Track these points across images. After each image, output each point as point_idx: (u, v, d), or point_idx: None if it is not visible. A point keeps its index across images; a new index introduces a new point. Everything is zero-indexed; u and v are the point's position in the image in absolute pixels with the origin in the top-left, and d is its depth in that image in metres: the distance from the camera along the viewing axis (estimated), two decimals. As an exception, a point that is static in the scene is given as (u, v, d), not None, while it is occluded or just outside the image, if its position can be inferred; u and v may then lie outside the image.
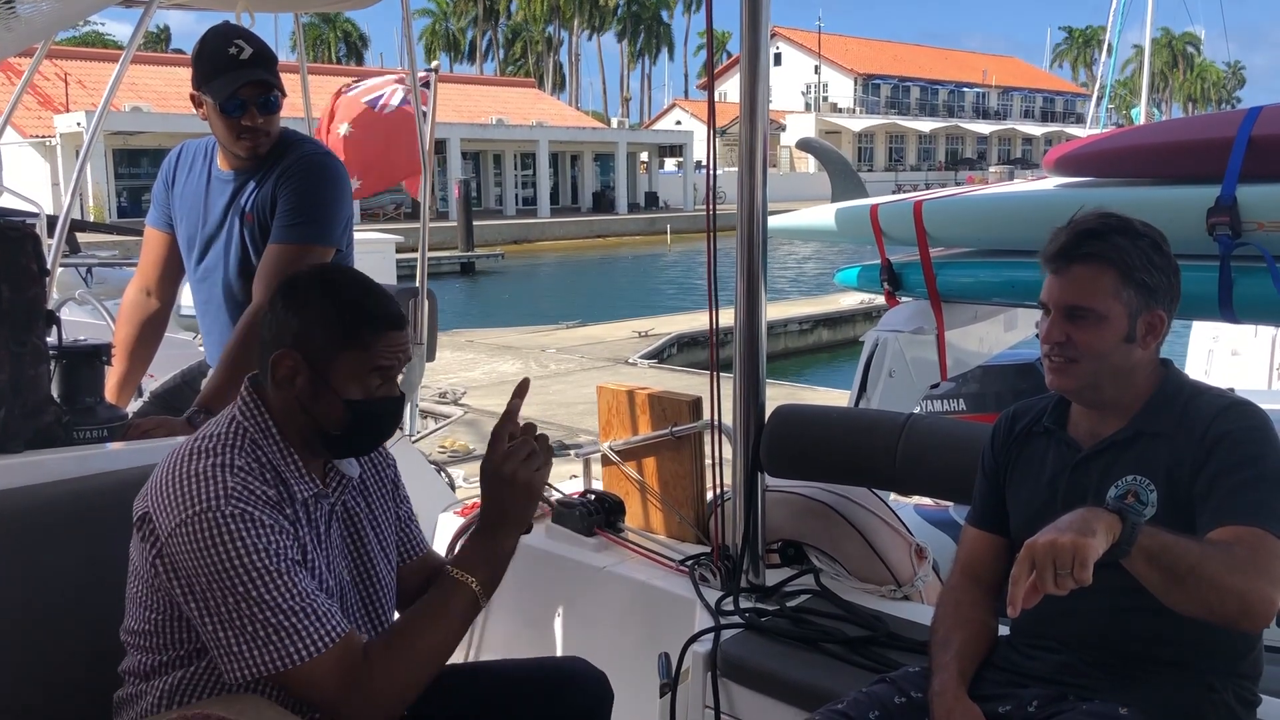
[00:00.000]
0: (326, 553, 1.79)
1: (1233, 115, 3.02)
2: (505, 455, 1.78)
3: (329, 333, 1.70)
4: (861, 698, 1.93)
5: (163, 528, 1.63)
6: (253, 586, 1.59)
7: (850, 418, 2.97)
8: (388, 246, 11.39)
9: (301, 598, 1.62)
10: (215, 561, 1.59)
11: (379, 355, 1.72)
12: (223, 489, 1.62)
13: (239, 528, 1.60)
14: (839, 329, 16.85)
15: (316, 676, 1.62)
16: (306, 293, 1.74)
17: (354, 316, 1.72)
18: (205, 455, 1.66)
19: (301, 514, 1.74)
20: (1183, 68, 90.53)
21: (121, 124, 29.31)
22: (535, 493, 1.81)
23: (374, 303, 1.74)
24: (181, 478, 1.64)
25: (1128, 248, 1.81)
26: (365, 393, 1.72)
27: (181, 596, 1.64)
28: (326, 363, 1.71)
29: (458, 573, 1.76)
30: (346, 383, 1.71)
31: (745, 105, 2.59)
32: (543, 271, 32.82)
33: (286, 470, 1.73)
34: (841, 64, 70.15)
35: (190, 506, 1.61)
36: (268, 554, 1.61)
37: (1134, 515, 1.54)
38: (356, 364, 1.71)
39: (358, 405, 1.72)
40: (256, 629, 1.59)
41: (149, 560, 1.66)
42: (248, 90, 2.67)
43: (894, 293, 3.78)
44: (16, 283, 2.13)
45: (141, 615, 1.72)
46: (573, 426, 9.16)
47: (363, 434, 1.78)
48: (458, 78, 51.46)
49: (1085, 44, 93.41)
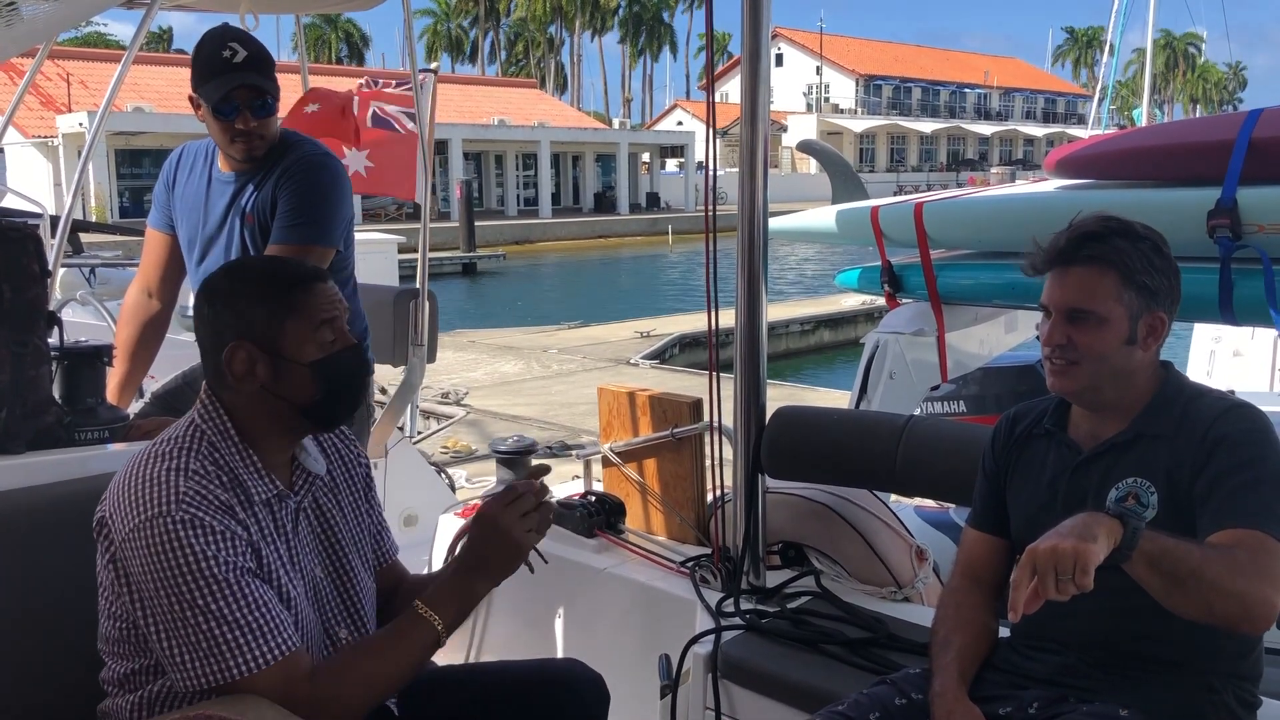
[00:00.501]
0: (295, 552, 1.78)
1: (1233, 118, 3.02)
2: (507, 506, 1.78)
3: (265, 308, 1.71)
4: (862, 699, 1.93)
5: (117, 532, 1.63)
6: (199, 595, 1.58)
7: (851, 419, 2.97)
8: (389, 247, 11.40)
9: (249, 609, 1.61)
10: (164, 568, 1.58)
11: (319, 309, 1.73)
12: (175, 494, 1.61)
13: (189, 534, 1.59)
14: (840, 330, 16.85)
15: (258, 691, 1.61)
16: (225, 286, 1.76)
17: (279, 284, 1.73)
18: (161, 459, 1.66)
19: (263, 515, 1.72)
20: (1184, 68, 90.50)
21: (123, 124, 29.33)
22: (521, 551, 1.80)
23: (288, 264, 1.79)
24: (136, 482, 1.64)
25: (1128, 250, 1.81)
26: (322, 350, 1.73)
27: (132, 604, 1.63)
28: (276, 338, 1.71)
29: (424, 609, 1.74)
30: (301, 347, 1.71)
31: (746, 107, 2.59)
32: (544, 272, 32.82)
33: (245, 472, 1.71)
34: (843, 65, 70.15)
35: (143, 511, 1.60)
36: (216, 562, 1.59)
37: (1135, 520, 1.54)
38: (301, 326, 1.71)
39: (321, 364, 1.72)
40: (200, 639, 1.58)
41: (106, 567, 1.67)
42: (240, 94, 2.67)
43: (894, 294, 3.78)
44: (18, 283, 2.14)
45: (109, 624, 1.72)
46: (574, 427, 9.16)
47: (338, 390, 1.76)
48: (459, 78, 51.47)
49: (1087, 44, 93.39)
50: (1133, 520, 1.54)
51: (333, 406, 1.78)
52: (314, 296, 1.73)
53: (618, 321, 16.92)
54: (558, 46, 79.52)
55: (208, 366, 1.76)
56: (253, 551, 1.67)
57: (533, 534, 1.79)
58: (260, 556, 1.69)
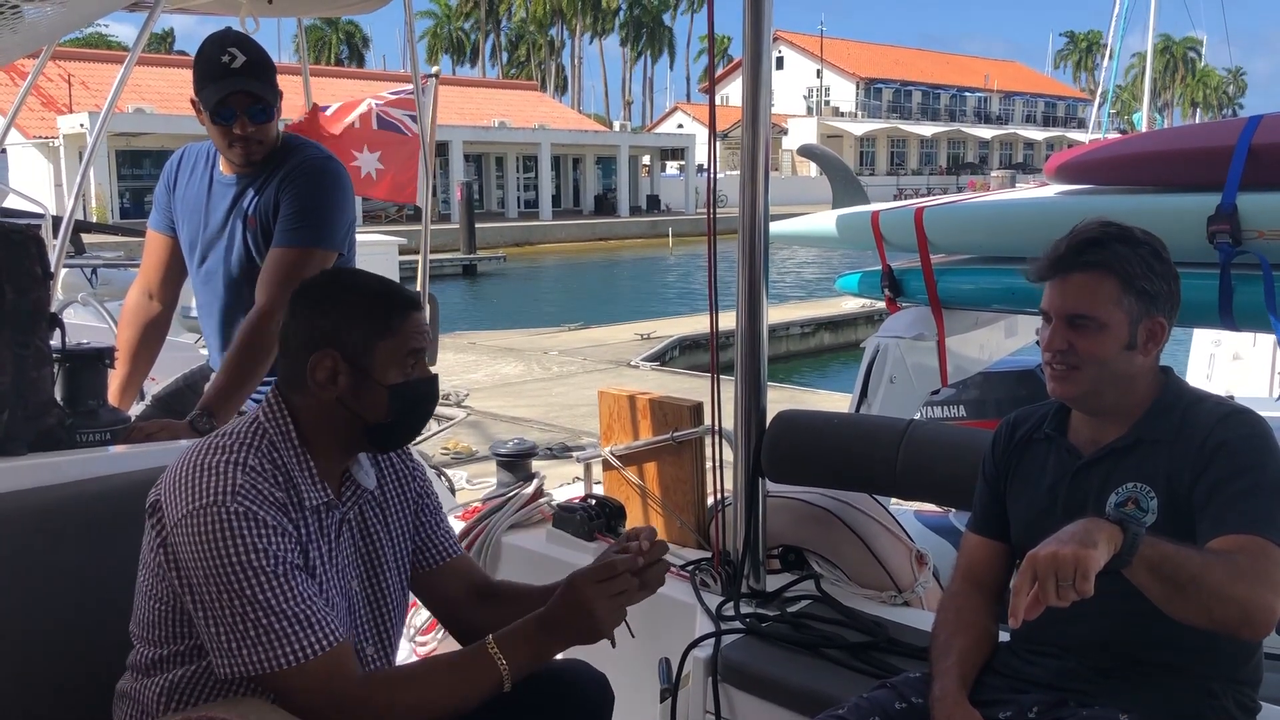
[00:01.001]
0: (335, 564, 1.79)
1: (1233, 124, 3.03)
2: (598, 583, 1.72)
3: (363, 326, 1.74)
4: (862, 703, 1.94)
5: (169, 517, 1.65)
6: (248, 585, 1.59)
7: (851, 423, 2.98)
8: (390, 249, 11.39)
9: (296, 602, 1.62)
10: (214, 556, 1.60)
11: (410, 338, 1.76)
12: (231, 485, 1.63)
13: (242, 525, 1.61)
14: (840, 332, 16.86)
15: (303, 683, 1.62)
16: (327, 293, 1.78)
17: (382, 306, 1.76)
18: (220, 451, 1.68)
19: (311, 521, 1.74)
20: (1184, 73, 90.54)
21: (124, 125, 29.34)
22: (598, 631, 1.74)
23: (392, 288, 1.79)
24: (194, 470, 1.66)
25: (1128, 255, 1.81)
26: (404, 376, 1.76)
27: (180, 587, 1.65)
28: (365, 355, 1.74)
29: (494, 649, 1.71)
30: (386, 370, 1.74)
31: (748, 111, 2.59)
32: (545, 274, 32.83)
33: (299, 476, 1.73)
34: (843, 68, 70.16)
35: (197, 499, 1.62)
36: (267, 555, 1.61)
37: (1135, 525, 1.54)
38: (392, 350, 1.75)
39: (400, 389, 1.75)
40: (248, 627, 1.60)
41: (155, 549, 1.68)
42: (237, 99, 2.68)
43: (895, 299, 3.79)
44: (20, 285, 2.14)
45: (147, 606, 1.72)
46: (574, 429, 9.16)
47: (408, 416, 1.80)
48: (460, 80, 51.50)
49: (1087, 49, 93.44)
50: (1133, 526, 1.54)
51: (397, 430, 1.81)
52: (407, 324, 1.76)
53: (618, 323, 16.92)
54: (558, 49, 79.61)
55: (285, 366, 1.79)
56: (300, 550, 1.69)
57: (616, 614, 1.74)
58: (307, 557, 1.71)
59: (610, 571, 1.72)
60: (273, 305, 2.66)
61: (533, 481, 3.29)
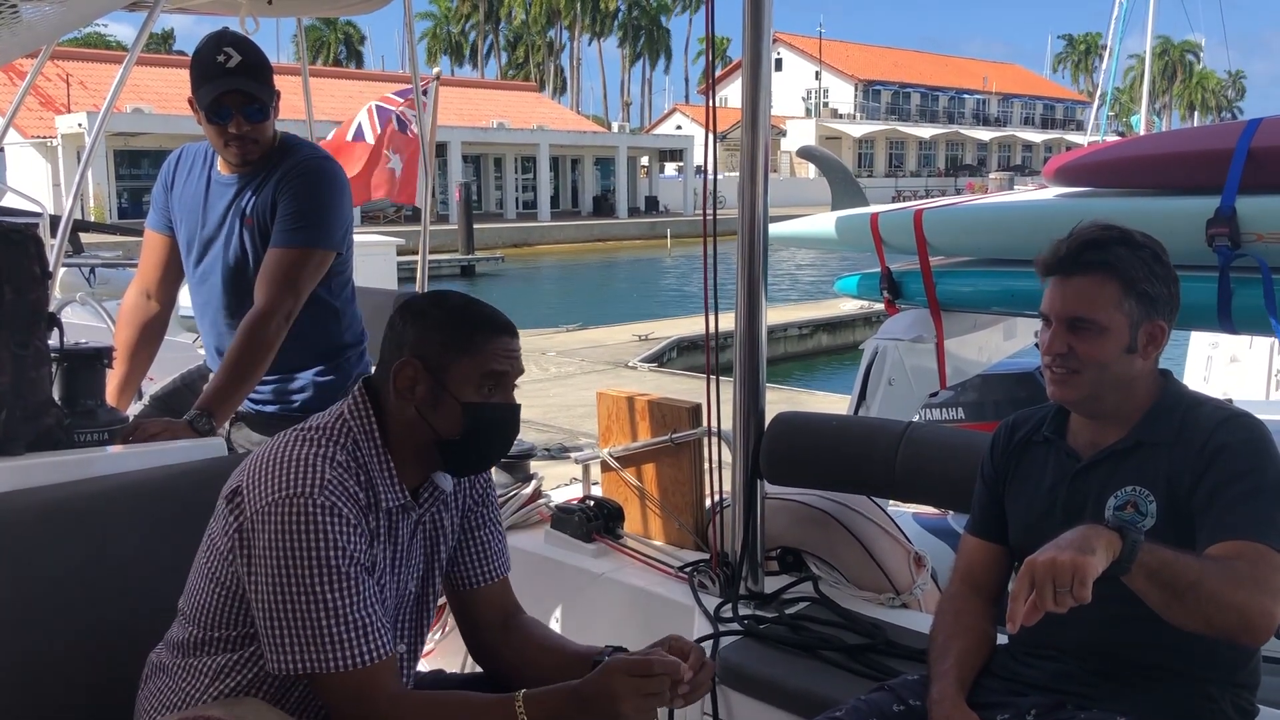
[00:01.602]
0: (404, 565, 1.81)
1: (1232, 126, 3.04)
2: (632, 676, 1.65)
3: (444, 338, 1.75)
4: (860, 705, 1.94)
5: (251, 504, 1.65)
6: (317, 581, 1.60)
7: (850, 426, 2.98)
8: (389, 249, 11.42)
9: (358, 607, 1.63)
10: (292, 547, 1.61)
11: (492, 358, 1.75)
12: (320, 479, 1.64)
13: (326, 520, 1.62)
14: (839, 334, 16.86)
15: (341, 689, 1.64)
16: (421, 305, 1.79)
17: (467, 321, 1.76)
18: (309, 444, 1.69)
19: (384, 523, 1.75)
20: (1182, 75, 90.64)
21: (122, 125, 29.32)
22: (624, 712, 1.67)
23: (484, 309, 1.79)
24: (282, 461, 1.67)
25: (1129, 258, 1.81)
26: (481, 396, 1.76)
27: (247, 576, 1.65)
28: (444, 368, 1.74)
29: (521, 707, 1.66)
30: (462, 386, 1.74)
31: (747, 112, 2.59)
32: (543, 275, 32.82)
33: (378, 475, 1.74)
34: (842, 70, 70.18)
35: (285, 489, 1.63)
36: (343, 554, 1.62)
37: (1134, 532, 1.54)
38: (471, 367, 1.75)
39: (474, 409, 1.75)
40: (305, 624, 1.61)
41: (229, 534, 1.68)
42: (232, 98, 2.68)
43: (894, 301, 3.79)
44: (19, 285, 2.13)
45: (206, 588, 1.73)
46: (572, 429, 9.16)
47: (480, 438, 1.78)
48: (459, 81, 51.49)
49: (1085, 51, 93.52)
50: (1132, 533, 1.54)
51: (468, 451, 1.79)
52: (492, 344, 1.76)
53: (616, 324, 16.91)
54: (557, 50, 79.59)
55: (380, 373, 1.80)
56: (371, 554, 1.71)
57: (649, 714, 1.68)
58: (376, 561, 1.72)
59: (647, 669, 1.66)
60: (271, 306, 2.66)
61: (531, 482, 3.29)
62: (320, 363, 2.91)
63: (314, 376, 2.91)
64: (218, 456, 2.32)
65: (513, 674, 1.91)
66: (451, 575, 1.97)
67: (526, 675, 1.88)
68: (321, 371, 2.91)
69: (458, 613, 2.02)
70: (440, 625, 3.02)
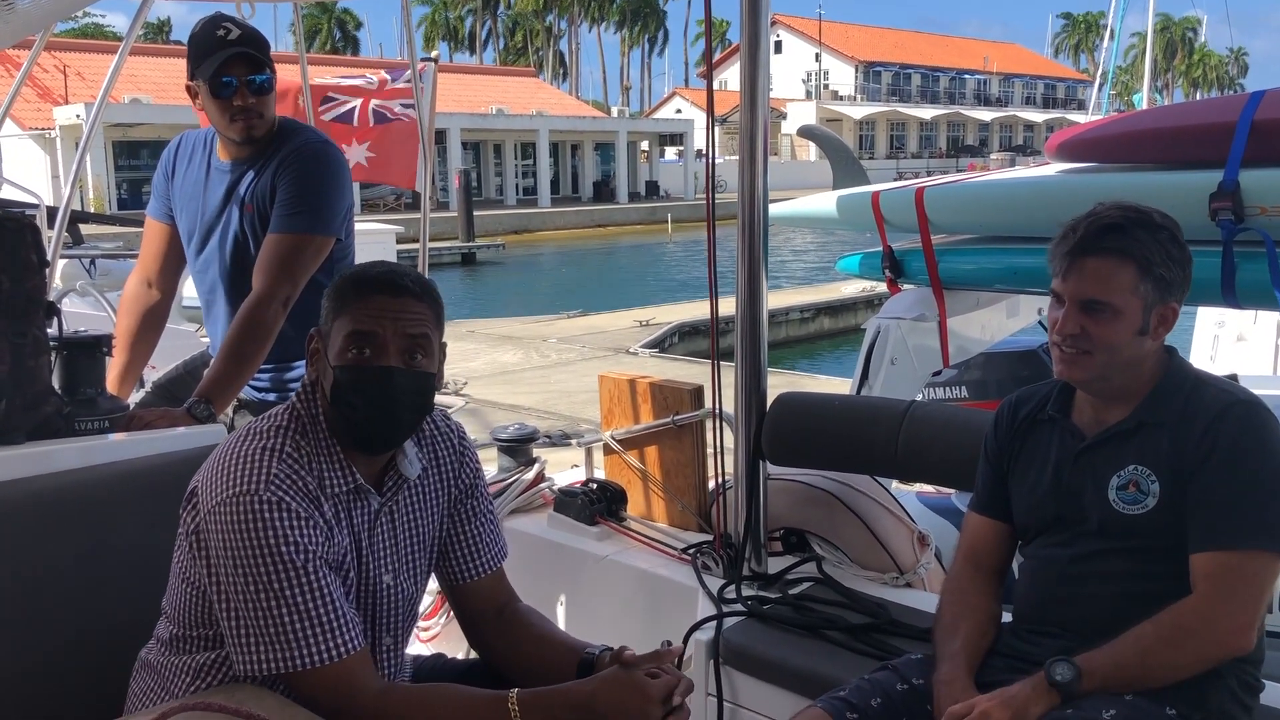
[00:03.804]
0: (369, 556, 1.76)
1: (1235, 100, 3.01)
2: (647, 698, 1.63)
3: (330, 304, 1.72)
4: (864, 685, 1.94)
5: (204, 504, 1.63)
6: (275, 579, 1.58)
7: (852, 405, 2.97)
8: (388, 237, 11.40)
9: (320, 602, 1.60)
10: (244, 545, 1.58)
11: (357, 318, 1.67)
12: (266, 474, 1.61)
13: (273, 515, 1.59)
14: (841, 317, 16.84)
15: (316, 686, 1.61)
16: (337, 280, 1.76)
17: (347, 283, 1.71)
18: (256, 438, 1.67)
19: (341, 508, 1.71)
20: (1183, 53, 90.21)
21: (121, 116, 29.27)
22: None
23: (372, 271, 1.71)
24: (231, 458, 1.64)
25: (1148, 242, 1.80)
26: (347, 360, 1.67)
27: (207, 578, 1.63)
28: (326, 335, 1.71)
29: (514, 707, 1.63)
30: (334, 350, 1.69)
31: (746, 93, 2.58)
32: (544, 261, 32.79)
33: (325, 461, 1.70)
34: (842, 51, 69.89)
35: (233, 486, 1.61)
36: (296, 548, 1.59)
37: (1063, 675, 1.71)
38: (340, 328, 1.69)
39: (338, 371, 1.67)
40: (267, 623, 1.58)
41: (189, 535, 1.67)
42: (237, 68, 2.66)
43: (895, 280, 3.77)
44: (15, 273, 2.12)
45: (180, 588, 1.72)
46: (574, 416, 9.16)
47: (346, 403, 1.68)
48: (457, 67, 51.30)
49: (1086, 30, 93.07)
50: (1061, 680, 1.71)
51: (347, 420, 1.70)
52: (363, 304, 1.67)
53: (617, 311, 16.90)
54: (556, 35, 79.29)
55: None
56: (331, 545, 1.67)
57: None
58: (334, 548, 1.68)
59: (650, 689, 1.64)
60: (269, 291, 2.65)
61: (534, 466, 3.29)
62: (320, 349, 2.90)
63: (313, 363, 2.90)
64: (219, 444, 2.31)
65: (507, 663, 1.90)
66: (443, 569, 1.94)
67: (520, 666, 1.87)
68: (321, 358, 2.90)
69: (453, 603, 2.00)
70: (445, 610, 3.03)
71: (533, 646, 1.89)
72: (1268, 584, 1.73)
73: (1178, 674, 1.71)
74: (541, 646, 1.89)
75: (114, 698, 1.83)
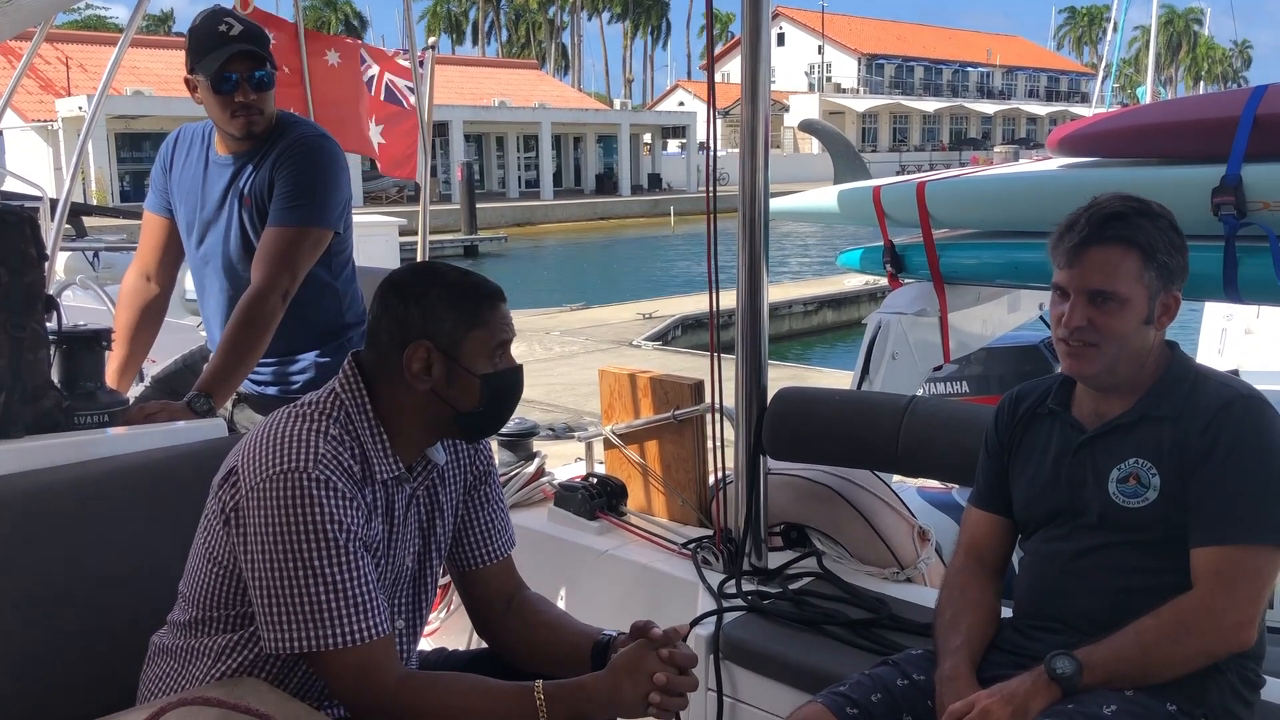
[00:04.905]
0: (399, 541, 1.80)
1: (1238, 94, 2.99)
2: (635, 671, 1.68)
3: (454, 316, 1.75)
4: (864, 680, 1.94)
5: (246, 482, 1.65)
6: (314, 555, 1.60)
7: (853, 400, 2.96)
8: (390, 230, 11.39)
9: (355, 582, 1.63)
10: (288, 522, 1.60)
11: (499, 329, 1.78)
12: (313, 453, 1.64)
13: (321, 493, 1.61)
14: (843, 310, 16.83)
15: (339, 667, 1.63)
16: (416, 285, 1.78)
17: (470, 296, 1.77)
18: (302, 420, 1.70)
19: (380, 495, 1.75)
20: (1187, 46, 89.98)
21: (123, 108, 29.28)
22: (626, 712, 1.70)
23: (477, 280, 1.80)
24: (276, 438, 1.67)
25: (1150, 229, 1.80)
26: (494, 366, 1.78)
27: (243, 554, 1.65)
28: (456, 345, 1.75)
29: (540, 697, 1.65)
30: (476, 360, 1.76)
31: (747, 86, 2.57)
32: (546, 254, 32.77)
33: (372, 448, 1.74)
34: (845, 44, 69.76)
35: (279, 464, 1.63)
36: (339, 526, 1.62)
37: (1065, 670, 1.71)
38: (482, 340, 1.76)
39: (491, 379, 1.77)
40: (302, 600, 1.60)
41: (224, 513, 1.68)
42: (238, 65, 2.66)
43: (897, 274, 3.76)
44: (14, 266, 2.12)
45: (204, 568, 1.73)
46: (577, 409, 9.17)
47: (498, 405, 1.81)
48: (460, 59, 51.23)
49: (1089, 23, 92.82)
50: (1063, 675, 1.71)
51: (488, 419, 1.83)
52: (496, 315, 1.78)
53: (620, 303, 16.90)
54: (559, 28, 79.17)
55: (375, 355, 1.78)
56: (369, 527, 1.71)
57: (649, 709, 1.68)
58: (371, 531, 1.71)
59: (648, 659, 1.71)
60: (267, 284, 2.65)
61: (534, 461, 3.29)
62: (321, 344, 2.89)
63: (315, 358, 2.90)
64: (219, 437, 2.31)
65: (516, 652, 1.92)
66: (455, 555, 1.96)
67: (530, 654, 1.90)
68: (322, 352, 2.90)
69: (462, 591, 2.02)
70: (445, 604, 3.03)
71: (545, 633, 1.92)
72: (1269, 579, 1.73)
73: (1178, 669, 1.71)
74: (553, 633, 1.92)
75: (117, 688, 1.83)
